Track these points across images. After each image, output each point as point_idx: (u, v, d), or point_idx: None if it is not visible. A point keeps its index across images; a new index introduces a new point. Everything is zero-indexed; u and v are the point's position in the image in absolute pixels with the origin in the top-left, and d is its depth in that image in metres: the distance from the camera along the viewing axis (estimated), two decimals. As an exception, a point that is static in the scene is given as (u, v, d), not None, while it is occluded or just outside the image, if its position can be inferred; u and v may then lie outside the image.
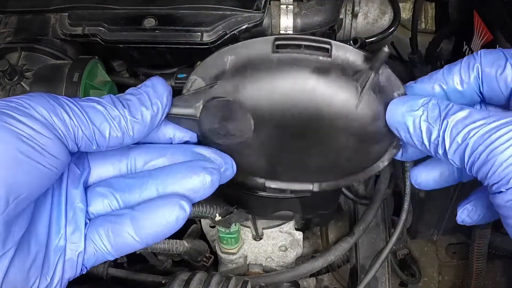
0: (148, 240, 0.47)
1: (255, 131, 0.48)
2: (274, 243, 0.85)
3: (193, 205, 0.75)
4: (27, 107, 0.41)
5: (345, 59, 0.49)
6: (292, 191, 0.47)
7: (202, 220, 0.86)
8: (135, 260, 0.94)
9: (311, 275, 1.00)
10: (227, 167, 0.48)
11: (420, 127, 0.44)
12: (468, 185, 0.95)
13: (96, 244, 0.47)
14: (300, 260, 0.94)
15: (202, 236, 0.89)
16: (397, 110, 0.46)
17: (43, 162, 0.40)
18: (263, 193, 0.70)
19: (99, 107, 0.44)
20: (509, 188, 0.40)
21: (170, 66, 0.79)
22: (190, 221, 0.86)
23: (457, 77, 0.47)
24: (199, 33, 0.69)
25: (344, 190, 0.95)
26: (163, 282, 0.82)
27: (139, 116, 0.45)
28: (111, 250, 0.48)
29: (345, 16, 0.88)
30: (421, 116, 0.44)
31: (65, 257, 0.46)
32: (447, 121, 0.42)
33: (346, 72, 0.49)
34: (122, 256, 0.85)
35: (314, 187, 0.46)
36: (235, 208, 0.74)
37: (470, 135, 0.41)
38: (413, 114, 0.44)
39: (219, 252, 0.84)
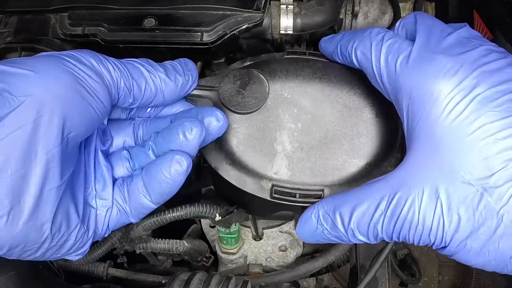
0: (157, 197, 0.49)
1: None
2: (274, 243, 0.85)
3: (193, 205, 0.75)
4: (79, 57, 0.45)
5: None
6: (301, 195, 0.49)
7: (202, 220, 0.86)
8: (135, 260, 0.94)
9: (311, 275, 0.99)
10: (211, 118, 0.51)
11: (332, 239, 0.49)
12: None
13: (118, 203, 0.50)
14: (300, 260, 0.94)
15: (202, 236, 0.89)
16: (306, 236, 0.51)
17: (94, 105, 0.44)
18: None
19: (137, 64, 0.49)
20: (435, 248, 0.44)
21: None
22: (190, 221, 0.86)
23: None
24: (199, 33, 0.69)
25: (344, 190, 0.95)
26: (163, 282, 0.82)
27: (173, 79, 0.51)
28: (130, 209, 0.50)
29: (345, 16, 0.88)
30: (323, 232, 0.49)
31: (96, 211, 0.49)
32: (346, 230, 0.47)
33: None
34: (122, 256, 0.86)
35: (324, 192, 0.50)
36: (235, 208, 0.74)
37: (378, 230, 0.45)
38: (319, 233, 0.50)
39: (219, 252, 0.84)
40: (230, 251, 0.83)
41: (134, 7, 0.72)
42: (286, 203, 0.51)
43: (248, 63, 0.58)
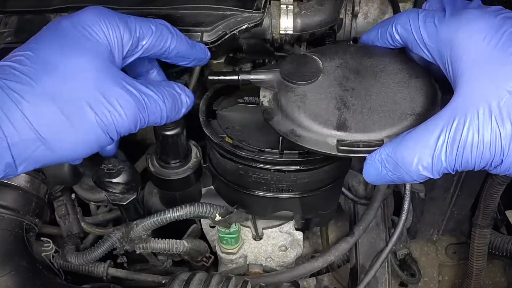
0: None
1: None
2: (274, 243, 0.85)
3: (193, 205, 0.75)
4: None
5: None
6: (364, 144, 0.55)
7: (202, 220, 0.86)
8: (135, 260, 0.94)
9: (311, 275, 0.99)
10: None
11: (396, 180, 0.54)
12: (467, 186, 0.96)
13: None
14: (300, 260, 0.94)
15: (202, 236, 0.89)
16: (372, 178, 0.55)
17: None
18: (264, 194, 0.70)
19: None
20: (493, 169, 0.50)
21: (171, 66, 0.79)
22: (190, 221, 0.86)
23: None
24: (199, 33, 0.69)
25: (344, 190, 0.95)
26: (163, 282, 0.82)
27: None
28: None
29: (345, 16, 0.88)
30: (387, 173, 0.54)
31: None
32: (409, 170, 0.52)
33: None
34: (122, 256, 0.86)
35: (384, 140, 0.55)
36: (235, 208, 0.74)
37: (442, 162, 0.50)
38: (382, 175, 0.54)
39: (219, 252, 0.84)
40: (230, 251, 0.83)
41: (134, 7, 0.72)
42: (352, 155, 0.55)
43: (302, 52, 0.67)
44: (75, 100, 0.49)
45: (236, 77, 0.64)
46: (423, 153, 0.49)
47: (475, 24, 0.50)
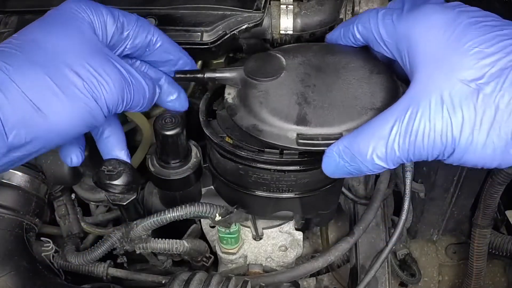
0: None
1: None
2: (274, 243, 0.85)
3: (193, 205, 0.75)
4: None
5: None
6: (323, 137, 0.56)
7: (202, 220, 0.86)
8: (135, 260, 0.94)
9: (311, 275, 1.00)
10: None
11: (353, 172, 0.55)
12: (467, 186, 0.96)
13: None
14: (300, 260, 0.94)
15: (202, 236, 0.89)
16: (330, 171, 0.57)
17: None
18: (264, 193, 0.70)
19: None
20: (446, 159, 0.50)
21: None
22: (190, 221, 0.86)
23: None
24: (199, 33, 0.69)
25: (344, 190, 0.95)
26: (163, 282, 0.82)
27: None
28: None
29: (345, 16, 0.88)
30: (345, 165, 0.56)
31: None
32: (364, 160, 0.53)
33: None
34: (122, 256, 0.86)
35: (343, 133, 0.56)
36: (235, 208, 0.74)
37: (395, 151, 0.51)
38: (340, 167, 0.56)
39: (219, 252, 0.84)
40: (230, 251, 0.83)
41: (134, 7, 0.72)
42: (311, 148, 0.57)
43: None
44: (62, 68, 0.51)
45: (202, 75, 0.65)
46: (378, 143, 0.51)
47: (430, 17, 0.52)
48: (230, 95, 0.65)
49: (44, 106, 0.49)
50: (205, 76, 0.65)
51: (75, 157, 0.63)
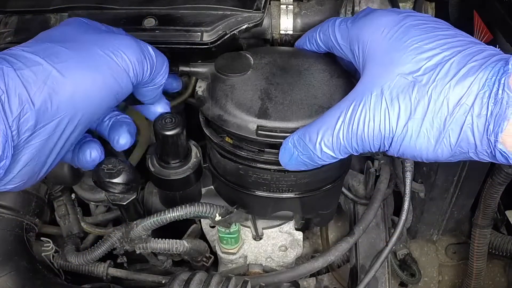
0: None
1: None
2: (274, 243, 0.85)
3: (193, 205, 0.75)
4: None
5: None
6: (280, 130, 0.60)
7: (202, 220, 0.86)
8: (135, 260, 0.94)
9: (311, 275, 0.99)
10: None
11: (306, 162, 0.58)
12: (467, 186, 0.96)
13: None
14: (300, 260, 0.94)
15: (202, 236, 0.89)
16: (285, 161, 0.60)
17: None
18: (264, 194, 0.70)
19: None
20: (387, 150, 0.53)
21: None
22: (190, 221, 0.86)
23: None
24: (199, 33, 0.69)
25: (344, 190, 0.95)
26: (163, 282, 0.82)
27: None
28: None
29: (345, 16, 0.88)
30: (299, 155, 0.58)
31: None
32: (315, 147, 0.56)
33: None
34: (122, 256, 0.86)
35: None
36: (235, 208, 0.74)
37: (340, 140, 0.54)
38: (294, 157, 0.59)
39: (219, 252, 0.84)
40: (230, 251, 0.83)
41: (134, 7, 0.72)
42: (269, 139, 0.61)
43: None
44: (82, 41, 0.53)
45: (175, 68, 0.69)
46: (326, 132, 0.54)
47: (378, 20, 0.56)
48: (200, 88, 0.69)
49: (66, 71, 0.49)
50: (179, 69, 0.70)
51: (94, 151, 0.61)
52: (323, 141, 0.54)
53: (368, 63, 0.55)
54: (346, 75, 0.67)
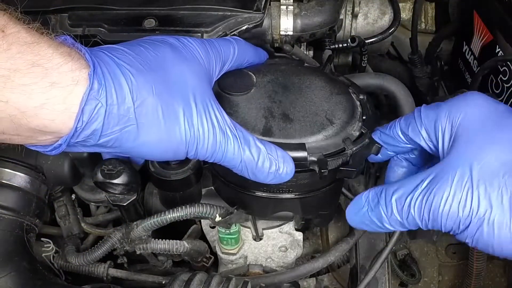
0: None
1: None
2: (274, 244, 0.85)
3: (193, 205, 0.75)
4: None
5: None
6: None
7: (202, 220, 0.86)
8: (136, 260, 0.94)
9: (311, 276, 0.99)
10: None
11: (372, 220, 0.56)
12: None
13: None
14: (300, 260, 0.94)
15: (202, 236, 0.89)
16: (351, 215, 0.60)
17: None
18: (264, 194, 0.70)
19: None
20: (459, 232, 0.50)
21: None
22: (190, 222, 0.86)
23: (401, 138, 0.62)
24: (199, 34, 0.69)
25: (344, 190, 0.95)
26: (163, 282, 0.82)
27: None
28: None
29: (345, 16, 0.88)
30: (368, 210, 0.57)
31: None
32: (387, 207, 0.54)
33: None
34: (122, 257, 0.86)
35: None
36: (235, 209, 0.74)
37: (411, 208, 0.52)
38: (362, 213, 0.57)
39: (219, 253, 0.84)
40: (230, 251, 0.83)
41: (134, 7, 0.72)
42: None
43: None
44: (173, 100, 0.51)
45: None
46: (400, 198, 0.53)
47: (474, 99, 0.54)
48: None
49: (142, 129, 0.49)
50: None
51: None
52: (395, 202, 0.53)
53: (458, 138, 0.53)
54: (345, 91, 0.68)
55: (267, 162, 0.56)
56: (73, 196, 0.89)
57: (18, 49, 0.41)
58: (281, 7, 0.74)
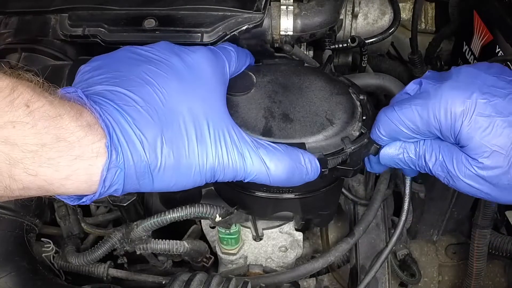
0: None
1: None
2: (274, 244, 0.85)
3: (194, 206, 0.75)
4: None
5: None
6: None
7: (202, 220, 0.86)
8: (136, 260, 0.94)
9: (311, 276, 1.00)
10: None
11: (407, 162, 0.60)
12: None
13: None
14: (300, 260, 0.94)
15: (202, 236, 0.89)
16: (386, 155, 0.62)
17: None
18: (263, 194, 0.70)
19: None
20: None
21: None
22: (190, 222, 0.86)
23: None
24: (199, 34, 0.69)
25: (344, 190, 0.95)
26: (164, 282, 0.82)
27: None
28: None
29: (345, 16, 0.88)
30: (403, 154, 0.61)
31: None
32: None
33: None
34: (122, 257, 0.86)
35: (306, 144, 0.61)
36: (235, 209, 0.74)
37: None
38: (398, 157, 0.61)
39: (219, 253, 0.84)
40: (230, 251, 0.83)
41: (134, 8, 0.72)
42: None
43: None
44: (184, 143, 0.51)
45: None
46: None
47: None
48: None
49: (157, 173, 0.50)
50: None
51: None
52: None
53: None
54: (345, 91, 0.68)
55: (297, 173, 0.57)
56: (73, 196, 0.89)
57: (43, 124, 0.43)
58: (281, 7, 0.73)
